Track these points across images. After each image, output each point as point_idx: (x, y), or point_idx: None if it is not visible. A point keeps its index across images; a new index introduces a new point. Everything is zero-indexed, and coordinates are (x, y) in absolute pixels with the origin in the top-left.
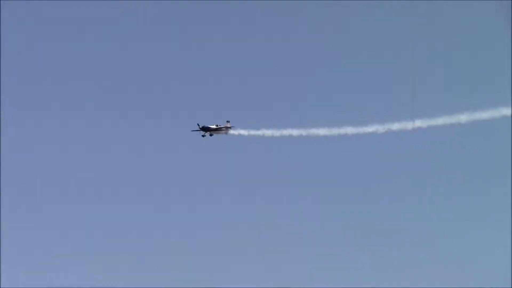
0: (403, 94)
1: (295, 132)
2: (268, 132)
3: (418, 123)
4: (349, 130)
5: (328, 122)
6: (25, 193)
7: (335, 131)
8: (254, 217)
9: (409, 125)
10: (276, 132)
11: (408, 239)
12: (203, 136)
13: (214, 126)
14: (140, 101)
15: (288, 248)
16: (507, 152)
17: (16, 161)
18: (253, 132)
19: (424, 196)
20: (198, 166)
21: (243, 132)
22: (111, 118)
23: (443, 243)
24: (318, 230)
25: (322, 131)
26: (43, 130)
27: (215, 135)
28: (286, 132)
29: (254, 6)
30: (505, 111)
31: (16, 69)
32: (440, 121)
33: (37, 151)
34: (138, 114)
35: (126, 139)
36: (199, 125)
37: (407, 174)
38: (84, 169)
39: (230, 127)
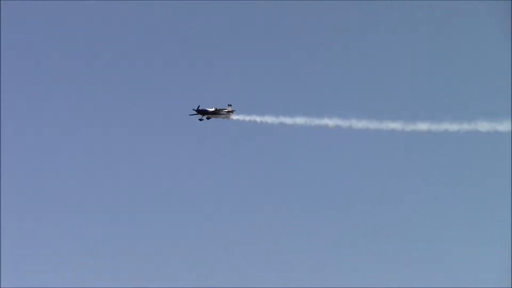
0: (402, 93)
1: (298, 120)
2: (271, 119)
3: (418, 123)
4: (354, 123)
5: (330, 114)
6: (25, 193)
7: (338, 122)
8: (253, 209)
9: (408, 125)
10: (280, 120)
11: (408, 239)
12: (200, 120)
13: (212, 109)
14: (140, 88)
15: (287, 243)
16: (508, 152)
17: (16, 161)
18: (256, 118)
19: (424, 196)
20: (196, 153)
21: (246, 117)
22: (109, 115)
23: (443, 243)
24: (317, 225)
25: (324, 122)
26: (43, 130)
27: (215, 120)
28: (290, 120)
29: None
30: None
31: (16, 69)
32: (440, 121)
33: (37, 151)
34: (139, 100)
35: (124, 135)
36: (194, 109)
37: (407, 174)
38: (82, 168)
39: (231, 111)
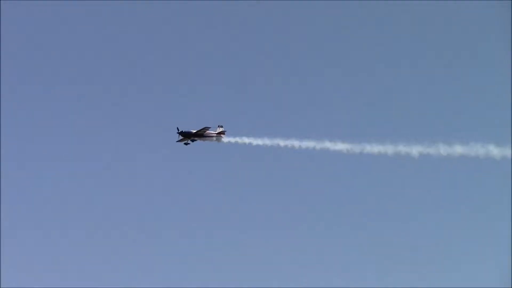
0: (403, 94)
1: (295, 142)
2: (267, 142)
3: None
4: (348, 146)
5: (328, 136)
6: (25, 193)
7: (336, 146)
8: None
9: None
10: (275, 142)
11: (408, 238)
12: (186, 144)
13: (194, 131)
14: (135, 103)
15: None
16: (508, 151)
17: (16, 161)
18: (250, 140)
19: (423, 195)
20: (188, 176)
21: (238, 139)
22: (109, 117)
23: (443, 243)
24: (313, 243)
25: (325, 145)
26: (43, 129)
27: (208, 142)
28: (286, 142)
29: (251, 9)
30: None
31: (16, 69)
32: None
33: (37, 151)
34: (135, 115)
35: (124, 139)
36: (178, 130)
37: (406, 174)
38: (82, 168)
39: (222, 133)
